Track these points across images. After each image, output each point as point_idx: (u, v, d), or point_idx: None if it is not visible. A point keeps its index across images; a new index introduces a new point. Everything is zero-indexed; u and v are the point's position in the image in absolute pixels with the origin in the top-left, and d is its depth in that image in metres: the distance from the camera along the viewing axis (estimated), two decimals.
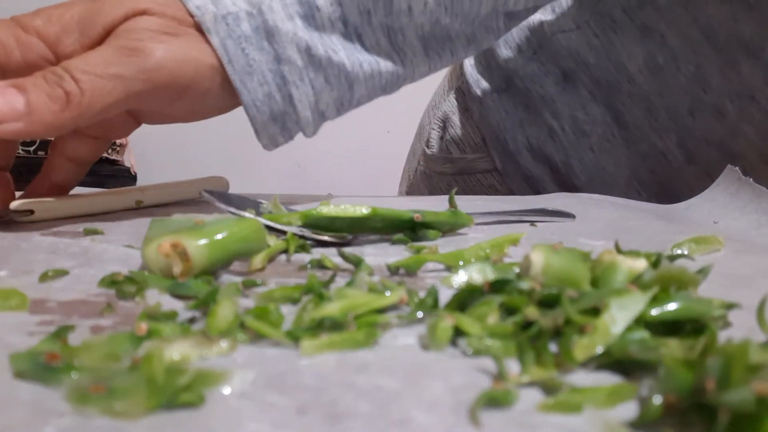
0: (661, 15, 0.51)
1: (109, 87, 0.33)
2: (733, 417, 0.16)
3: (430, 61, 0.45)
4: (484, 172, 0.64)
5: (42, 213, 0.38)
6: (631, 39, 0.53)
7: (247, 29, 0.38)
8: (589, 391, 0.19)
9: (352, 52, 0.41)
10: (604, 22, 0.54)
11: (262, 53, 0.38)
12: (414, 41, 0.44)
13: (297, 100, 0.40)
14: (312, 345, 0.22)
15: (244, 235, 0.30)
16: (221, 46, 0.37)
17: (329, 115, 0.43)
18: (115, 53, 0.34)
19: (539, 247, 0.27)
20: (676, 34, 0.51)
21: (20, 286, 0.26)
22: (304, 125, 0.42)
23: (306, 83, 0.40)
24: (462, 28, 0.44)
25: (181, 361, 0.21)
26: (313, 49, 0.39)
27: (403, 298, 0.25)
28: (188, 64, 0.36)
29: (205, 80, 0.37)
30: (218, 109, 0.41)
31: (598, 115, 0.55)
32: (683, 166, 0.55)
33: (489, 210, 0.43)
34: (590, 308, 0.22)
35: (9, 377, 0.19)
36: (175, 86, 0.36)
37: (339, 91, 0.42)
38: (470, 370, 0.21)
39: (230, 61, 0.37)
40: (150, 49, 0.35)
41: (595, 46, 0.54)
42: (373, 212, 0.35)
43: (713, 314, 0.23)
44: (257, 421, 0.17)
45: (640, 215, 0.47)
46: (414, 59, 0.45)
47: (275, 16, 0.38)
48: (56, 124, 0.32)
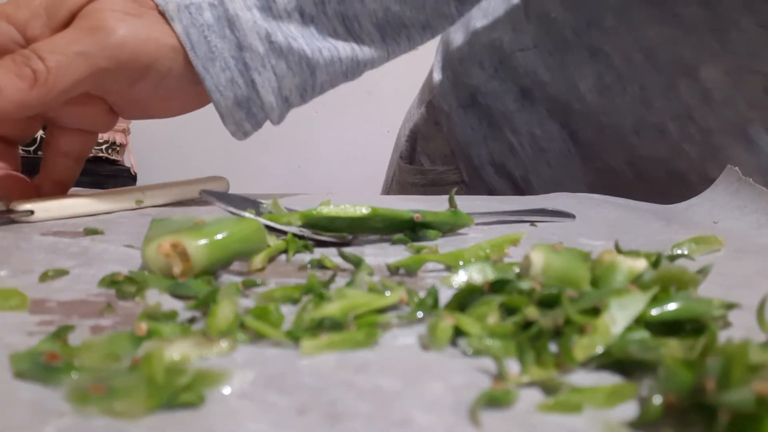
0: (607, 36, 0.53)
1: (74, 64, 0.34)
2: (733, 417, 0.16)
3: (387, 47, 0.47)
4: (453, 184, 0.65)
5: (42, 213, 0.38)
6: (581, 59, 0.54)
7: (209, 18, 0.39)
8: (589, 391, 0.19)
9: (311, 40, 0.43)
10: (558, 42, 0.55)
11: (224, 41, 0.40)
12: (370, 28, 0.45)
13: (260, 85, 0.41)
14: (312, 345, 0.22)
15: (244, 235, 0.30)
16: (184, 33, 0.38)
17: (294, 101, 0.45)
18: (79, 33, 0.35)
19: (539, 247, 0.27)
20: (621, 55, 0.53)
21: (20, 286, 0.26)
22: (268, 110, 0.43)
23: (268, 69, 0.41)
24: (414, 14, 0.46)
25: (181, 361, 0.21)
26: (272, 36, 0.41)
27: (403, 298, 0.25)
28: (150, 43, 0.37)
29: (167, 60, 0.38)
30: (183, 96, 0.42)
31: (554, 132, 0.56)
32: (634, 183, 0.56)
33: (489, 210, 0.43)
34: (590, 308, 0.22)
35: (9, 377, 0.19)
36: (136, 64, 0.37)
37: (301, 77, 0.43)
38: (470, 370, 0.21)
39: (192, 47, 0.39)
40: (112, 27, 0.36)
41: (550, 65, 0.55)
42: (373, 212, 0.35)
43: (713, 314, 0.23)
44: (257, 421, 0.17)
45: (640, 215, 0.47)
46: (372, 45, 0.46)
47: (236, 5, 0.40)
48: (25, 102, 0.33)
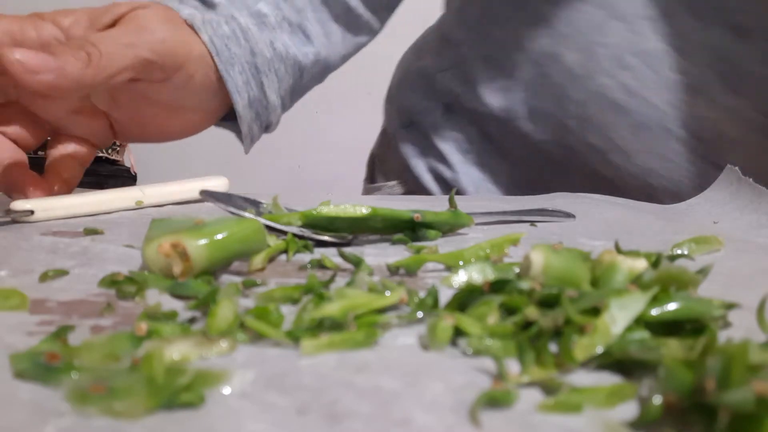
0: (506, 54, 0.58)
1: (122, 53, 0.39)
2: (733, 417, 0.16)
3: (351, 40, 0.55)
4: (401, 194, 0.70)
5: (42, 213, 0.38)
6: (482, 69, 0.60)
7: (227, 30, 0.47)
8: (589, 391, 0.19)
9: (300, 47, 0.51)
10: (467, 65, 0.61)
11: (240, 48, 0.47)
12: (334, 26, 0.53)
13: (267, 86, 0.48)
14: (312, 345, 0.22)
15: (244, 235, 0.30)
16: (210, 41, 0.45)
17: (286, 103, 0.52)
18: (127, 29, 0.41)
19: (539, 247, 0.27)
20: (512, 69, 0.58)
21: (20, 286, 0.26)
22: (271, 110, 0.49)
23: (272, 72, 0.49)
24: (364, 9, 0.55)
25: (181, 361, 0.21)
26: (275, 43, 0.49)
27: (403, 298, 0.25)
28: (184, 45, 0.43)
29: (193, 63, 0.44)
30: (189, 111, 0.47)
31: (474, 135, 0.62)
32: (545, 170, 0.61)
33: (489, 210, 0.43)
34: (590, 308, 0.22)
35: (9, 377, 0.19)
36: (173, 60, 0.42)
37: (294, 79, 0.51)
38: (470, 370, 0.21)
39: (217, 53, 0.45)
40: (155, 28, 0.42)
41: (466, 82, 0.61)
42: (373, 212, 0.35)
43: (713, 314, 0.23)
44: (257, 421, 0.17)
45: (640, 215, 0.47)
46: (341, 43, 0.54)
47: (246, 20, 0.48)
48: (81, 80, 0.37)
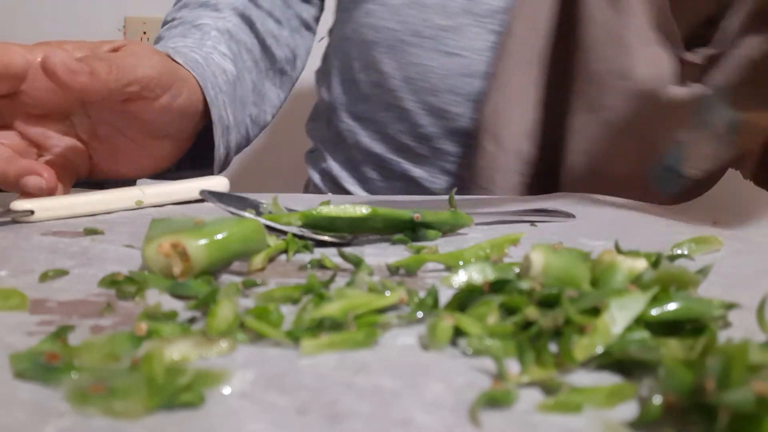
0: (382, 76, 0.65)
1: (133, 65, 0.46)
2: (733, 417, 0.16)
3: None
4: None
5: (42, 213, 0.38)
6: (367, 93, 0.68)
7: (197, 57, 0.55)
8: (589, 391, 0.19)
9: (253, 75, 0.63)
10: (358, 91, 0.69)
11: (216, 76, 0.55)
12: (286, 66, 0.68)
13: (227, 105, 0.56)
14: (312, 345, 0.22)
15: (244, 235, 0.30)
16: (196, 73, 0.53)
17: (234, 134, 0.59)
18: (127, 54, 0.47)
19: (539, 247, 0.27)
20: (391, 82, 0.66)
21: (20, 286, 0.26)
22: (230, 128, 0.57)
23: (227, 94, 0.57)
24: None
25: (181, 361, 0.21)
26: (238, 75, 0.60)
27: (403, 298, 0.25)
28: (176, 69, 0.50)
29: (182, 83, 0.50)
30: (167, 138, 0.51)
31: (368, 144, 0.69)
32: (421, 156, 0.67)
33: (489, 210, 0.43)
34: (590, 308, 0.22)
35: (9, 377, 0.19)
36: (167, 79, 0.48)
37: (241, 114, 0.61)
38: (470, 370, 0.21)
39: (203, 78, 0.53)
40: (153, 53, 0.49)
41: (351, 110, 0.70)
42: (373, 212, 0.35)
43: (713, 314, 0.23)
44: (257, 421, 0.17)
45: (640, 215, 0.47)
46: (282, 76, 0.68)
47: (216, 58, 0.58)
48: (107, 83, 0.43)
